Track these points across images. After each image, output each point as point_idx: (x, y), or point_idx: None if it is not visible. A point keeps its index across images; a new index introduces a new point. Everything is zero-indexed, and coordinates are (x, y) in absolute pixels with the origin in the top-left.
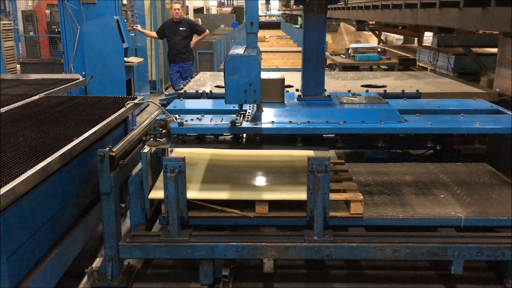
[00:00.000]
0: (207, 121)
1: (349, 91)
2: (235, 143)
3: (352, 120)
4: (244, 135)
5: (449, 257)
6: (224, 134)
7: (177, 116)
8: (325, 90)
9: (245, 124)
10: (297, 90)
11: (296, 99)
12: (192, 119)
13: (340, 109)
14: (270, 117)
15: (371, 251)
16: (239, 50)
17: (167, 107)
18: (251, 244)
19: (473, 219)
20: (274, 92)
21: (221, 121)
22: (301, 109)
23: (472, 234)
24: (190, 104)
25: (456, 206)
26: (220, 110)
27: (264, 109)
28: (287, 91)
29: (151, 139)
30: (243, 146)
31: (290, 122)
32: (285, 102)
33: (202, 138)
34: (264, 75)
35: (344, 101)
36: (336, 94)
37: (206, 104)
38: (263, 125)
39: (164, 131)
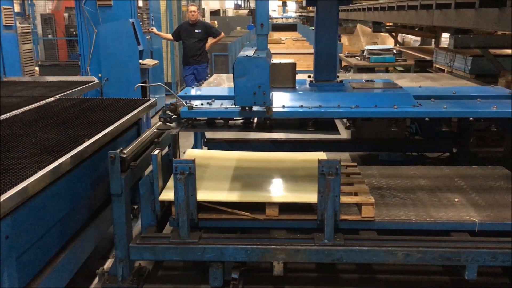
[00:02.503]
0: (217, 105)
1: None
2: (245, 127)
3: (364, 104)
4: (255, 119)
5: (463, 262)
6: (234, 118)
7: (187, 101)
8: (338, 76)
9: (255, 108)
10: (309, 76)
11: (308, 85)
12: (202, 104)
13: (353, 93)
14: (281, 101)
15: (382, 255)
16: (249, 52)
17: (178, 94)
18: (260, 247)
19: (488, 223)
20: (286, 77)
21: (232, 106)
22: (312, 94)
23: (486, 239)
24: (201, 91)
25: (471, 210)
26: (230, 96)
27: (275, 93)
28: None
29: (161, 123)
30: (253, 130)
31: (301, 106)
32: (297, 87)
33: (212, 123)
34: (276, 60)
35: (357, 86)
36: (349, 81)
37: (217, 91)
38: (274, 109)
39: (174, 115)
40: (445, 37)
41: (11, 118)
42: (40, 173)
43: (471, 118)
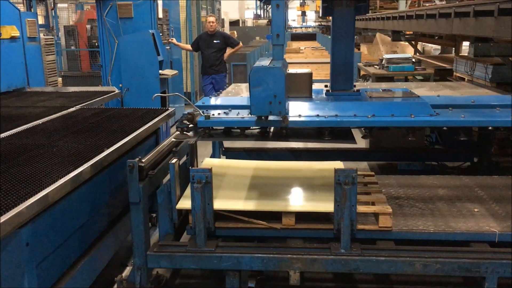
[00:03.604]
0: (234, 115)
1: None
2: (262, 136)
3: (381, 113)
4: (271, 128)
5: (482, 273)
6: (251, 127)
7: (204, 110)
8: (355, 86)
9: (271, 117)
10: (325, 85)
11: (324, 94)
12: (219, 113)
13: (369, 102)
14: (297, 110)
15: (400, 265)
16: (265, 62)
17: (196, 103)
18: (277, 256)
19: (508, 234)
20: (302, 87)
21: (248, 115)
22: (329, 103)
23: (506, 250)
24: (219, 100)
25: (490, 221)
26: (247, 105)
27: (291, 103)
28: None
29: (178, 132)
30: (270, 139)
31: (318, 115)
32: (313, 96)
33: (228, 132)
34: (292, 70)
35: (374, 95)
36: (366, 90)
37: (234, 100)
38: (290, 118)
39: (191, 125)
40: (466, 45)
41: (34, 127)
42: (61, 181)
43: (490, 127)
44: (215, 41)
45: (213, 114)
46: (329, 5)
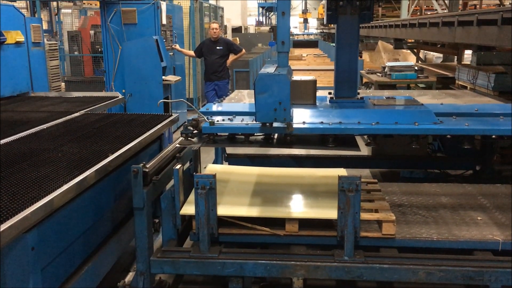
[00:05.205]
0: (238, 121)
1: None
2: (266, 143)
3: (385, 121)
4: (275, 135)
5: (486, 281)
6: (255, 134)
7: (208, 116)
8: (358, 93)
9: (276, 124)
10: (329, 93)
11: (328, 101)
12: (223, 120)
13: (373, 110)
14: (301, 117)
15: (404, 273)
16: (270, 69)
17: (200, 109)
18: (280, 263)
19: (511, 242)
20: (306, 94)
21: (252, 121)
22: (333, 110)
23: (510, 259)
24: (223, 107)
25: (494, 229)
26: (251, 112)
27: (295, 110)
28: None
29: (183, 138)
30: (274, 146)
31: (322, 122)
32: (317, 104)
33: (233, 138)
34: (296, 77)
35: (378, 103)
36: (369, 97)
37: (238, 107)
38: (294, 125)
39: (195, 131)
40: (468, 53)
41: (38, 132)
42: (66, 187)
43: (493, 136)
44: (218, 48)
45: (217, 120)
46: (333, 13)
